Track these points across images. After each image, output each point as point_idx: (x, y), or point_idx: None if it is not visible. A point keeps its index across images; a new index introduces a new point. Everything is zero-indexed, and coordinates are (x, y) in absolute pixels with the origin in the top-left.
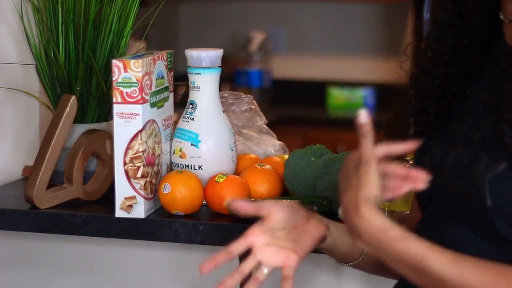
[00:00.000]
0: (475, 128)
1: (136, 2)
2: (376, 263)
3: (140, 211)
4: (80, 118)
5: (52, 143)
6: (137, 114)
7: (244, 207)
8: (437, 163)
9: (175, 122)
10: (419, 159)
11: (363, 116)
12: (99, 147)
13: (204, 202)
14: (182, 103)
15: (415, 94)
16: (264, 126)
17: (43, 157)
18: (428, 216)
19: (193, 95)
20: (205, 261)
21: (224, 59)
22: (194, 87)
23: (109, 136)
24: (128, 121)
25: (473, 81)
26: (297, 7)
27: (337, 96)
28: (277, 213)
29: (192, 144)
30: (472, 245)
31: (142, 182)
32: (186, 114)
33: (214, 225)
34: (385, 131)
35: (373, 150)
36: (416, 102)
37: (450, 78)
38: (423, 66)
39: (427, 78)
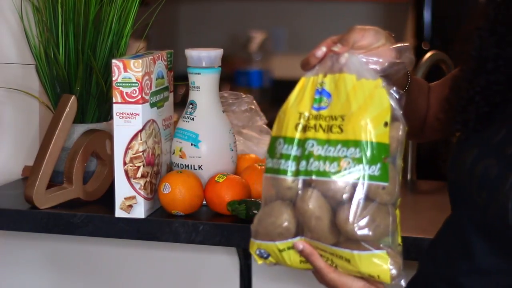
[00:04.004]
0: (509, 140)
1: (136, 2)
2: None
3: (140, 211)
4: (80, 118)
5: (52, 143)
6: (137, 114)
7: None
8: (467, 170)
9: (175, 122)
10: (453, 160)
11: (298, 244)
12: (99, 147)
13: (204, 202)
14: (182, 103)
15: (455, 98)
16: (264, 126)
17: (43, 157)
18: (446, 226)
19: (193, 95)
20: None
21: (224, 59)
22: (194, 87)
23: (109, 136)
24: (128, 121)
25: None
26: (297, 7)
27: None
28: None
29: (192, 144)
30: (486, 260)
31: (142, 182)
32: (186, 114)
33: (214, 225)
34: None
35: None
36: (456, 104)
37: (493, 86)
38: (464, 75)
39: (469, 86)
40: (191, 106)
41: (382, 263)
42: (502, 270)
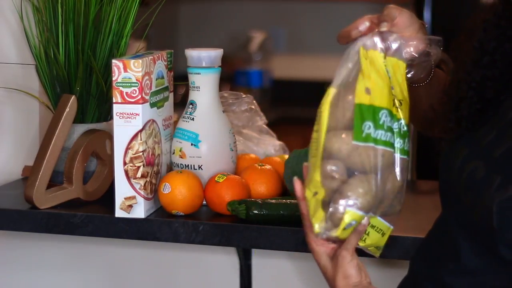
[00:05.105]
0: (497, 143)
1: (136, 2)
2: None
3: (140, 211)
4: (80, 118)
5: (52, 143)
6: (137, 114)
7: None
8: (457, 169)
9: (175, 122)
10: (444, 159)
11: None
12: (99, 147)
13: (204, 202)
14: (182, 103)
15: (454, 90)
16: (264, 126)
17: (43, 157)
18: (436, 226)
19: (193, 95)
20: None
21: (224, 59)
22: (194, 87)
23: (109, 136)
24: (128, 121)
25: (511, 89)
26: (297, 7)
27: None
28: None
29: (192, 144)
30: (472, 261)
31: (142, 182)
32: (186, 114)
33: (214, 225)
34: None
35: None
36: (454, 96)
37: (488, 82)
38: (464, 66)
39: (467, 78)
40: (191, 106)
41: (387, 237)
42: (487, 271)
